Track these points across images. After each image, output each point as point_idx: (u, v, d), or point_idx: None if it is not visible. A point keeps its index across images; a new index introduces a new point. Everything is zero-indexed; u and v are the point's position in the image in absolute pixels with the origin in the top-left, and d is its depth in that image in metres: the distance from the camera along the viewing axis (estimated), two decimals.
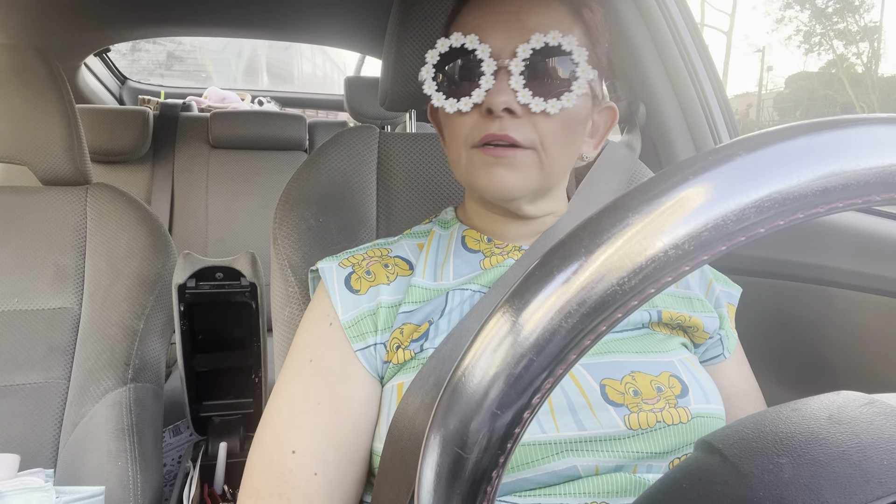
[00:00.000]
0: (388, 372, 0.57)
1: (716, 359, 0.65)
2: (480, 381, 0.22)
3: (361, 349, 0.57)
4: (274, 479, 0.52)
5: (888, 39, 18.14)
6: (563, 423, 0.51)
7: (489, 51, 0.54)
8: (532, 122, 0.54)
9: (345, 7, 1.74)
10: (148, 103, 2.26)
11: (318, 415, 0.55)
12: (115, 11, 1.75)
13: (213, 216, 1.94)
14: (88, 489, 0.81)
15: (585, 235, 0.22)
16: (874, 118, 0.22)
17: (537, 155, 0.56)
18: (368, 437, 0.56)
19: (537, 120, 0.54)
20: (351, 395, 0.56)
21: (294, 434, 0.54)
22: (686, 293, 0.64)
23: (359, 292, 0.60)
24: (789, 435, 0.24)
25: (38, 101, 0.97)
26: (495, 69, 0.54)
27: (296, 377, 0.57)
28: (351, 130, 0.84)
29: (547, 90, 0.54)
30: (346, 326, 0.58)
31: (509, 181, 0.55)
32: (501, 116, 0.54)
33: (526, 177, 0.55)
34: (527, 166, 0.55)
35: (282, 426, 0.55)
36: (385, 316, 0.58)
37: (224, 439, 1.12)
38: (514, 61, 0.53)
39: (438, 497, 0.23)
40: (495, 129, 0.54)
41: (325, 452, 0.53)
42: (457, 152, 0.58)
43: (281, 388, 0.58)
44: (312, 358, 0.57)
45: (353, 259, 0.63)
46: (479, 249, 0.63)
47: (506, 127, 0.54)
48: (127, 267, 1.00)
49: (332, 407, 0.55)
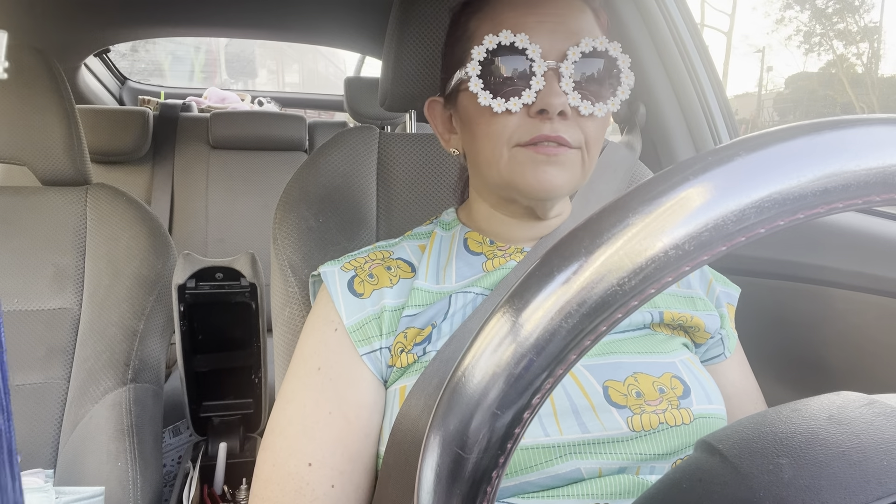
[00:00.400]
0: (391, 376, 0.57)
1: (716, 358, 0.65)
2: (480, 382, 0.22)
3: (367, 353, 0.57)
4: (291, 492, 0.52)
5: (888, 39, 18.15)
6: (566, 426, 0.51)
7: (540, 51, 0.54)
8: (578, 123, 0.55)
9: (345, 7, 1.74)
10: (148, 103, 2.26)
11: (330, 424, 0.54)
12: (115, 11, 1.75)
13: (213, 216, 1.94)
14: (88, 490, 0.81)
15: (585, 236, 0.22)
16: (874, 118, 0.22)
17: (581, 155, 0.57)
18: (377, 443, 0.57)
19: (584, 122, 0.56)
20: (360, 402, 0.56)
21: (309, 446, 0.54)
22: (688, 292, 0.64)
23: (362, 296, 0.59)
24: (789, 435, 0.24)
25: (38, 101, 0.97)
26: (545, 70, 0.54)
27: (305, 386, 0.57)
28: (351, 131, 0.84)
29: (595, 93, 0.55)
30: (351, 331, 0.58)
31: (558, 180, 0.56)
32: (553, 118, 0.54)
33: (571, 175, 0.57)
34: (573, 165, 0.56)
35: (295, 437, 0.54)
36: (389, 320, 0.58)
37: (224, 440, 1.12)
38: (565, 63, 0.54)
39: (438, 497, 0.23)
40: (547, 130, 0.54)
41: (339, 463, 0.54)
42: (497, 151, 0.57)
43: (290, 397, 0.57)
44: (321, 366, 0.57)
45: (356, 262, 0.63)
46: (481, 252, 0.63)
47: (557, 128, 0.54)
48: (127, 267, 1.00)
49: (343, 415, 0.55)
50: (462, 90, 0.60)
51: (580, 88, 0.54)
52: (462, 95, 0.60)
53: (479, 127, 0.58)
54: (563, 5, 0.56)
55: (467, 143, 0.62)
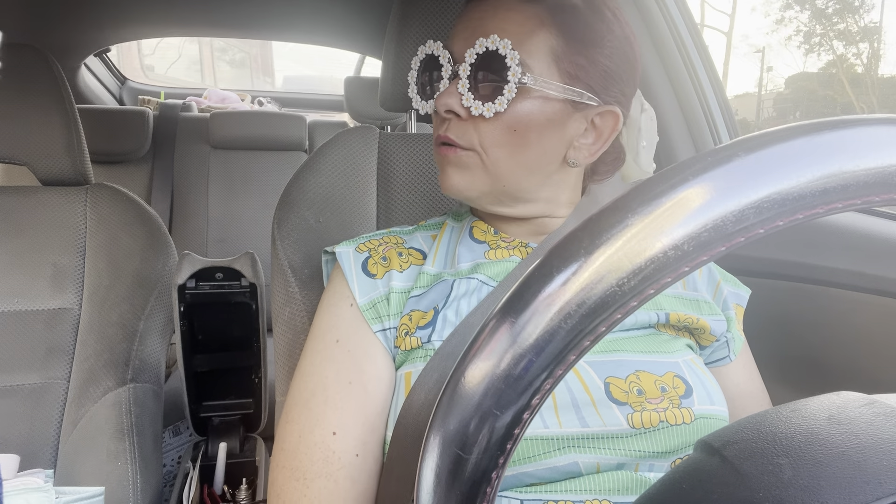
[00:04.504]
0: (397, 358, 0.58)
1: (721, 361, 0.65)
2: (480, 382, 0.22)
3: (380, 331, 0.59)
4: (319, 460, 0.53)
5: (888, 40, 18.14)
6: (565, 420, 0.51)
7: (448, 56, 0.57)
8: (474, 125, 0.56)
9: (345, 7, 1.74)
10: (148, 104, 2.26)
11: (351, 394, 0.56)
12: (115, 11, 1.75)
13: (213, 216, 1.94)
14: (88, 489, 0.81)
15: (585, 236, 0.22)
16: (874, 119, 0.22)
17: (479, 156, 0.57)
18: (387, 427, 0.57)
19: (478, 123, 0.56)
20: (376, 375, 0.57)
21: (333, 415, 0.55)
22: (693, 295, 0.64)
23: (375, 276, 0.61)
24: (789, 436, 0.24)
25: (38, 101, 0.97)
26: (451, 74, 0.56)
27: (324, 358, 0.58)
28: (351, 131, 0.84)
29: (486, 94, 0.55)
30: (364, 309, 0.59)
31: (454, 180, 0.58)
32: (449, 118, 0.57)
33: (472, 177, 0.58)
34: (471, 167, 0.58)
35: (318, 408, 0.56)
36: (396, 301, 0.60)
37: (224, 440, 1.12)
38: (463, 66, 0.55)
39: (438, 498, 0.23)
40: (441, 131, 0.58)
41: (362, 433, 0.55)
42: None
43: (310, 369, 0.58)
44: (339, 338, 0.59)
45: (370, 244, 0.64)
46: (484, 240, 0.63)
47: (448, 129, 0.57)
48: (127, 267, 1.00)
49: (363, 386, 0.56)
50: None
51: (475, 89, 0.55)
52: None
53: None
54: (491, 7, 0.56)
55: None
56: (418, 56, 0.60)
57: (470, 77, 0.55)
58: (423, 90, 0.61)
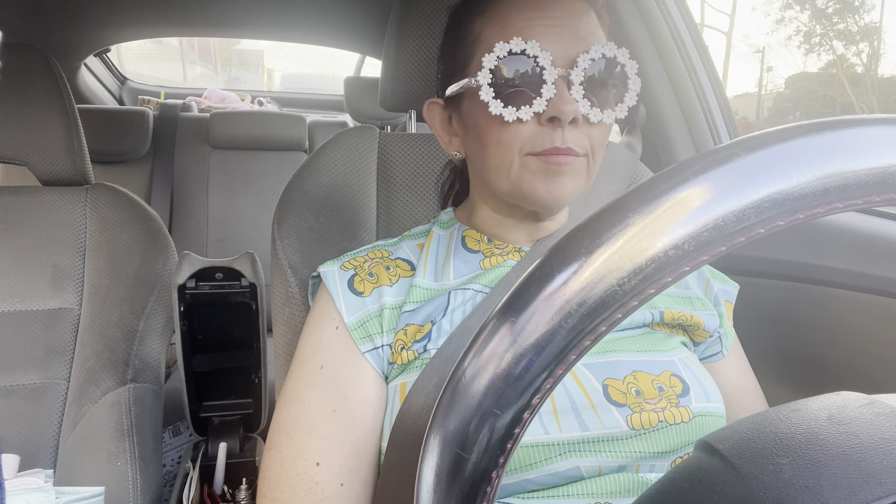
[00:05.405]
0: (392, 372, 0.57)
1: (714, 356, 0.65)
2: (480, 382, 0.22)
3: (370, 350, 0.57)
4: (301, 492, 0.52)
5: (888, 40, 18.13)
6: (566, 424, 0.51)
7: (550, 58, 0.53)
8: (586, 130, 0.55)
9: (345, 7, 1.74)
10: (148, 103, 2.26)
11: (335, 423, 0.54)
12: (114, 12, 1.75)
13: (213, 216, 1.94)
14: (88, 490, 0.81)
15: (585, 236, 0.22)
16: (874, 119, 0.22)
17: (587, 162, 0.56)
18: (381, 439, 0.57)
19: (591, 129, 0.55)
20: (363, 399, 0.56)
21: (316, 445, 0.54)
22: (686, 293, 0.64)
23: (363, 294, 0.60)
24: (789, 435, 0.24)
25: (38, 101, 0.97)
26: (556, 78, 0.53)
27: (308, 385, 0.57)
28: (351, 130, 0.84)
29: (603, 100, 0.55)
30: (352, 329, 0.58)
31: (568, 188, 0.55)
32: (564, 126, 0.53)
33: (579, 183, 0.56)
34: (580, 172, 0.56)
35: (301, 437, 0.54)
36: (389, 317, 0.58)
37: (224, 440, 1.12)
38: (576, 70, 0.53)
39: (438, 497, 0.23)
40: (558, 141, 0.53)
41: (347, 461, 0.54)
42: (507, 159, 0.56)
43: (294, 396, 0.57)
44: (323, 364, 0.57)
45: (355, 262, 0.63)
46: (479, 250, 0.63)
47: (567, 138, 0.54)
48: (127, 267, 1.00)
49: (348, 413, 0.55)
50: (468, 95, 0.59)
51: (589, 95, 0.54)
52: (468, 101, 0.59)
53: (488, 134, 0.56)
54: (569, 8, 0.55)
55: (473, 149, 0.61)
56: (495, 52, 0.53)
57: (583, 83, 0.53)
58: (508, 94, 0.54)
